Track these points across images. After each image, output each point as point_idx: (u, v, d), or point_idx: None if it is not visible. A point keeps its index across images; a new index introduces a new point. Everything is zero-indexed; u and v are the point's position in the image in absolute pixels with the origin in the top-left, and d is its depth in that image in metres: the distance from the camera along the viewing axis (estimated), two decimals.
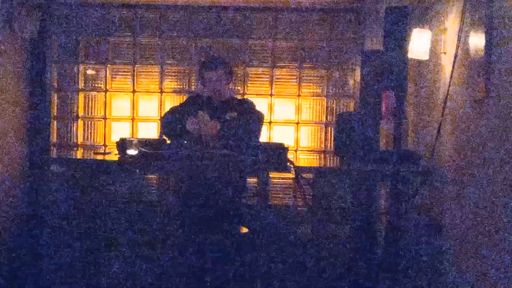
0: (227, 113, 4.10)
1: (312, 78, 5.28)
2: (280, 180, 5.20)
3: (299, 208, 5.18)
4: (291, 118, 5.27)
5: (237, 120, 4.04)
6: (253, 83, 5.29)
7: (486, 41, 2.72)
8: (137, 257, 4.98)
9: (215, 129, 3.94)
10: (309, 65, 5.27)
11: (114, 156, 4.01)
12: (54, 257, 4.97)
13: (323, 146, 5.28)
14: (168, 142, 4.03)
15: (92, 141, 5.36)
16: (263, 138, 5.15)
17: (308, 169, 4.16)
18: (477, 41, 2.85)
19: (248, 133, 4.00)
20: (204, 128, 3.95)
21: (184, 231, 4.09)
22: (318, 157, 5.28)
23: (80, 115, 5.35)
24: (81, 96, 5.35)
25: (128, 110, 5.33)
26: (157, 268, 4.89)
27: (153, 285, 4.79)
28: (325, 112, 5.27)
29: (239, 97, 4.97)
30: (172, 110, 4.24)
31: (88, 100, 5.36)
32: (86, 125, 5.36)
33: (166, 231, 4.94)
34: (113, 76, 5.34)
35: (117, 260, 4.94)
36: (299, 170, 3.76)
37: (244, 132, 3.97)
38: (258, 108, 4.44)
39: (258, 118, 4.23)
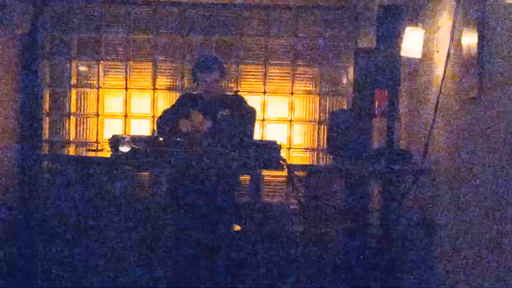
0: (219, 110, 4.10)
1: (305, 76, 5.28)
2: (273, 178, 5.20)
3: (291, 206, 5.17)
4: (284, 116, 5.27)
5: (229, 117, 4.04)
6: (246, 81, 5.28)
7: (479, 39, 2.72)
8: (130, 255, 4.97)
9: (205, 127, 3.96)
10: (302, 63, 5.27)
11: (106, 153, 4.00)
12: (49, 255, 4.95)
13: (316, 144, 5.28)
14: (161, 139, 4.02)
15: (84, 138, 5.34)
16: (256, 135, 5.15)
17: (301, 167, 4.16)
18: (469, 39, 2.85)
19: (241, 130, 4.01)
20: (197, 126, 3.96)
21: (177, 228, 4.09)
22: (311, 155, 5.28)
23: (72, 112, 5.33)
24: (73, 92, 5.33)
25: (121, 107, 5.31)
26: (150, 265, 4.88)
27: (146, 283, 4.78)
28: (318, 110, 5.26)
29: (231, 93, 4.96)
30: (165, 113, 4.25)
31: (81, 97, 5.34)
32: (78, 122, 5.34)
33: (158, 229, 4.93)
34: (106, 73, 5.32)
35: (111, 257, 4.93)
36: (291, 168, 3.76)
37: (237, 129, 3.97)
38: (250, 104, 4.44)
39: (250, 114, 4.23)
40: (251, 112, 4.28)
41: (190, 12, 5.27)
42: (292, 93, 5.26)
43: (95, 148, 5.14)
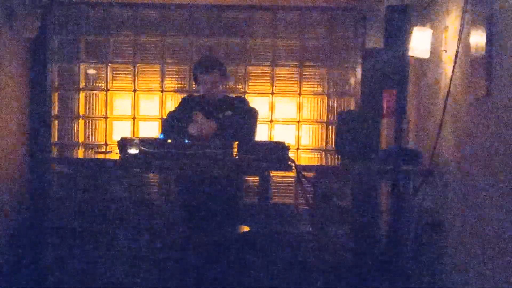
0: (221, 112, 4.11)
1: (313, 76, 5.27)
2: (281, 179, 5.20)
3: (300, 207, 5.18)
4: (292, 117, 5.27)
5: (231, 118, 4.04)
6: (254, 82, 5.28)
7: (487, 39, 2.72)
8: (137, 256, 4.99)
9: (212, 129, 3.97)
10: (310, 64, 5.26)
11: (115, 155, 4.01)
12: (56, 257, 4.97)
13: (324, 144, 5.27)
14: (169, 141, 4.03)
15: (93, 141, 5.36)
16: (264, 136, 5.16)
17: (309, 168, 4.16)
18: (478, 39, 2.85)
19: (243, 130, 4.02)
20: (201, 128, 3.97)
21: (184, 229, 4.10)
22: (319, 156, 5.28)
23: (81, 115, 5.35)
24: (82, 95, 5.35)
25: (129, 109, 5.33)
26: (157, 267, 4.89)
27: (153, 284, 4.79)
28: (326, 110, 5.26)
29: (234, 95, 4.98)
30: (170, 116, 4.27)
31: (89, 99, 5.35)
32: (87, 124, 5.36)
33: (166, 230, 4.94)
34: (114, 75, 5.34)
35: (117, 259, 4.95)
36: (300, 168, 3.76)
37: (239, 130, 3.98)
38: (257, 106, 4.45)
39: (252, 115, 4.24)
40: (253, 112, 4.28)
41: (198, 14, 5.28)
42: (300, 94, 5.26)
43: (104, 151, 5.15)
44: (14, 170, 4.93)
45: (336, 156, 4.74)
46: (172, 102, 5.26)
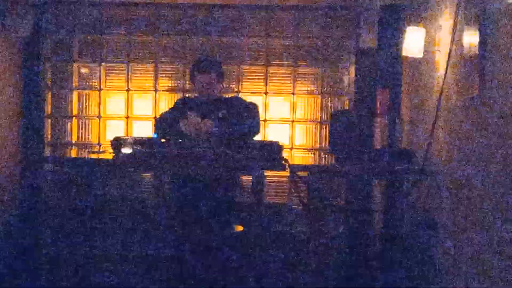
0: (218, 111, 4.11)
1: (306, 76, 5.27)
2: (275, 178, 5.19)
3: (293, 207, 5.17)
4: (286, 116, 5.27)
5: (227, 118, 4.03)
6: (247, 81, 5.28)
7: (480, 38, 2.72)
8: (131, 256, 4.98)
9: (208, 128, 3.96)
10: (303, 63, 5.26)
11: (108, 155, 4.00)
12: (51, 257, 4.96)
13: (318, 144, 5.27)
14: (163, 141, 4.03)
15: (86, 140, 5.35)
16: (258, 136, 5.15)
17: (303, 167, 4.16)
18: (471, 38, 2.85)
19: (246, 127, 4.01)
20: (196, 127, 3.96)
21: (179, 229, 4.09)
22: (313, 155, 5.28)
23: (74, 114, 5.33)
24: (75, 94, 5.33)
25: (123, 109, 5.31)
26: (151, 267, 4.88)
27: (147, 284, 4.78)
28: (320, 110, 5.26)
29: (229, 95, 4.98)
30: (163, 115, 4.26)
31: (83, 99, 5.34)
32: (80, 123, 5.34)
33: (160, 230, 4.94)
34: (108, 75, 5.33)
35: (112, 259, 4.94)
36: (293, 168, 3.76)
37: (237, 129, 3.97)
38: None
39: (252, 110, 4.22)
40: (252, 107, 4.27)
41: (192, 14, 5.27)
42: (293, 94, 5.26)
43: (98, 150, 5.14)
44: (7, 169, 4.91)
45: (330, 156, 4.74)
46: (166, 102, 5.26)
